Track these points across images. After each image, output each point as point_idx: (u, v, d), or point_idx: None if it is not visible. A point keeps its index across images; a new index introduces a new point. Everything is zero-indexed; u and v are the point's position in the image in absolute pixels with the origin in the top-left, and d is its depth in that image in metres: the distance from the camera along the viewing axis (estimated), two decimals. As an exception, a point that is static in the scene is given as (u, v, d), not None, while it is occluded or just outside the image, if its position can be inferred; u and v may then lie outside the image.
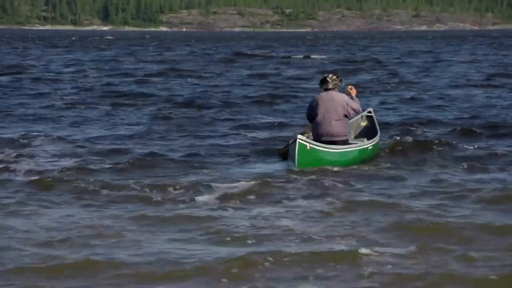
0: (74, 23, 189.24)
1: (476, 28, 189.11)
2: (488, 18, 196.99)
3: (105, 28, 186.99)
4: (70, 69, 36.15)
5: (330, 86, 12.79)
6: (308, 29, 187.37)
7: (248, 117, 18.90)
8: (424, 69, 36.03)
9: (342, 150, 12.89)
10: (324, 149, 12.70)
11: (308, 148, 12.43)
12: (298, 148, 12.28)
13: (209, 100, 22.57)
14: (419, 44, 76.38)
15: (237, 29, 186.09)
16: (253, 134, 16.04)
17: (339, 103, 12.72)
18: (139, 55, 52.76)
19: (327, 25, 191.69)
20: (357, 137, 14.28)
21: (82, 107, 20.77)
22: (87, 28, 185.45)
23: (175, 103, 21.96)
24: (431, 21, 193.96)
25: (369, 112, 14.58)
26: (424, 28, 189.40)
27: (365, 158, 13.13)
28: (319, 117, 12.79)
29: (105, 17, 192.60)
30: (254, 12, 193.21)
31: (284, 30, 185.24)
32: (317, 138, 12.82)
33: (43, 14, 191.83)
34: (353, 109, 12.82)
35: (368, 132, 14.21)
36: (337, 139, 12.78)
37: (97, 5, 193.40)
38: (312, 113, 12.91)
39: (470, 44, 74.97)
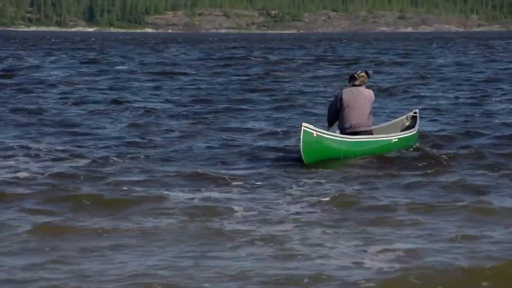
0: (59, 24, 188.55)
1: (461, 29, 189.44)
2: (473, 20, 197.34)
3: (91, 29, 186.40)
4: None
5: (357, 82, 13.29)
6: (294, 31, 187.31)
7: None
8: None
9: (355, 140, 12.92)
10: (334, 137, 12.63)
11: (315, 135, 12.32)
12: (303, 136, 12.16)
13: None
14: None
15: (223, 31, 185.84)
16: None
17: (367, 98, 13.22)
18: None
19: (313, 26, 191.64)
20: None
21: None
22: (72, 29, 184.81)
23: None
24: (417, 23, 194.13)
25: (415, 112, 14.69)
26: (409, 29, 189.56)
27: (387, 150, 13.17)
28: (345, 110, 13.21)
29: (90, 19, 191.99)
30: (240, 14, 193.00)
31: (270, 31, 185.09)
32: (343, 130, 13.21)
33: (28, 15, 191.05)
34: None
35: None
36: (360, 129, 13.16)
37: (82, 7, 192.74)
38: (337, 106, 13.31)
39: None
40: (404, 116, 14.75)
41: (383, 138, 13.28)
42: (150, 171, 12.26)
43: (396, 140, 13.37)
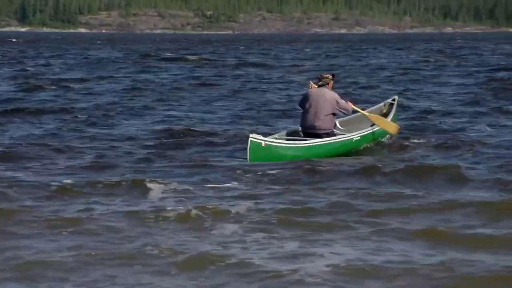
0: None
1: (395, 31, 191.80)
2: (406, 22, 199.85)
3: (23, 29, 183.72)
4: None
5: (320, 83, 13.40)
6: (229, 32, 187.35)
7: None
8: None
9: (307, 144, 12.76)
10: (284, 145, 12.49)
11: (263, 145, 12.29)
12: (249, 146, 12.14)
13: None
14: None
15: (158, 31, 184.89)
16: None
17: (329, 100, 13.18)
18: None
19: (248, 27, 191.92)
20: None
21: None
22: (4, 29, 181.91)
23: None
24: (351, 24, 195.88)
25: (393, 99, 14.43)
26: (344, 31, 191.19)
27: (349, 150, 13.05)
28: (307, 110, 13.27)
29: (22, 18, 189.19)
30: (175, 14, 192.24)
31: (205, 32, 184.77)
32: (303, 129, 13.38)
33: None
34: (342, 108, 13.29)
35: None
36: (321, 132, 13.17)
37: (14, 6, 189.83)
38: (301, 104, 13.50)
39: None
40: (382, 103, 14.55)
41: (341, 139, 13.13)
42: (73, 180, 11.43)
43: (358, 138, 13.27)
